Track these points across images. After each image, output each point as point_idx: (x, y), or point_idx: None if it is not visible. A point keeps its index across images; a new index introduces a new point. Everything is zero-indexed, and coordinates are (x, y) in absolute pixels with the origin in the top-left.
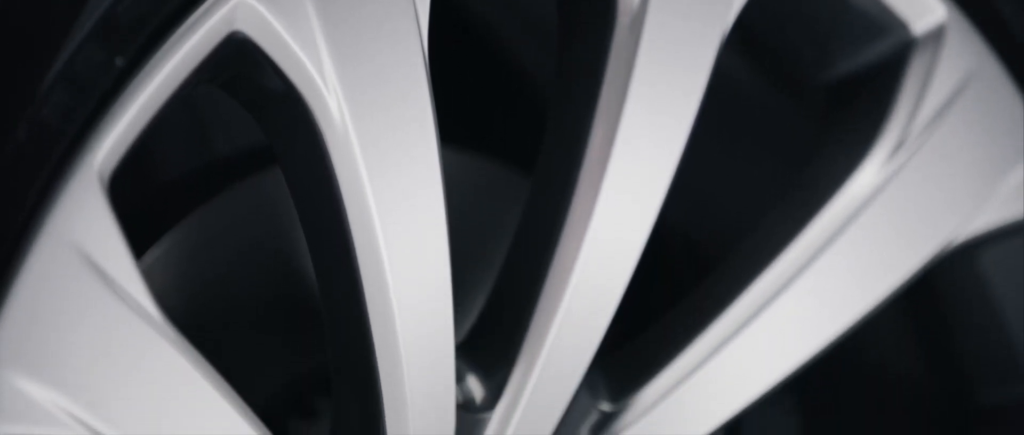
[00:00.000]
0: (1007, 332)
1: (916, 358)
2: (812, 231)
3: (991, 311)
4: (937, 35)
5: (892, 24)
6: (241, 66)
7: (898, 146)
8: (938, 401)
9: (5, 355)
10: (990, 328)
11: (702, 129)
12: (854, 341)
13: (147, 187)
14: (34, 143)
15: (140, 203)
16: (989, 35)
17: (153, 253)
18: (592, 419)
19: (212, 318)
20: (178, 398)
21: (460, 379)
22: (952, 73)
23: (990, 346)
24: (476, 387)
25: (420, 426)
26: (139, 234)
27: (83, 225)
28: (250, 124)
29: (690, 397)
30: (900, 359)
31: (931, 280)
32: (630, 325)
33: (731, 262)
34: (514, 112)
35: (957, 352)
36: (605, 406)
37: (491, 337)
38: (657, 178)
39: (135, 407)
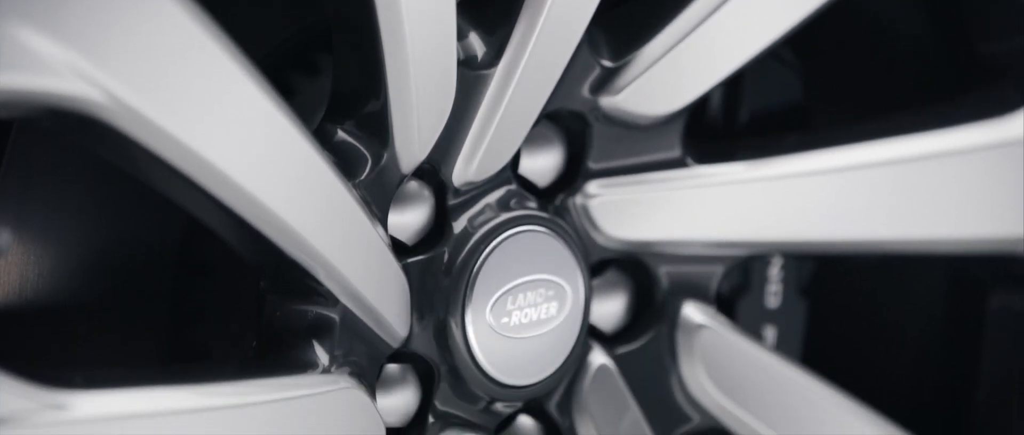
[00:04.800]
0: None
1: (916, 8)
2: None
3: None
4: None
5: None
6: None
7: None
8: (937, 51)
9: (5, 5)
10: None
11: None
12: None
13: None
14: None
15: None
16: None
17: None
18: (594, 75)
19: None
20: (178, 52)
21: (461, 36)
22: None
23: None
24: (478, 44)
25: (422, 82)
26: None
27: None
28: None
29: (692, 53)
30: (900, 9)
31: None
32: None
33: None
34: None
35: (958, 2)
36: (607, 62)
37: None
38: None
39: (136, 61)
